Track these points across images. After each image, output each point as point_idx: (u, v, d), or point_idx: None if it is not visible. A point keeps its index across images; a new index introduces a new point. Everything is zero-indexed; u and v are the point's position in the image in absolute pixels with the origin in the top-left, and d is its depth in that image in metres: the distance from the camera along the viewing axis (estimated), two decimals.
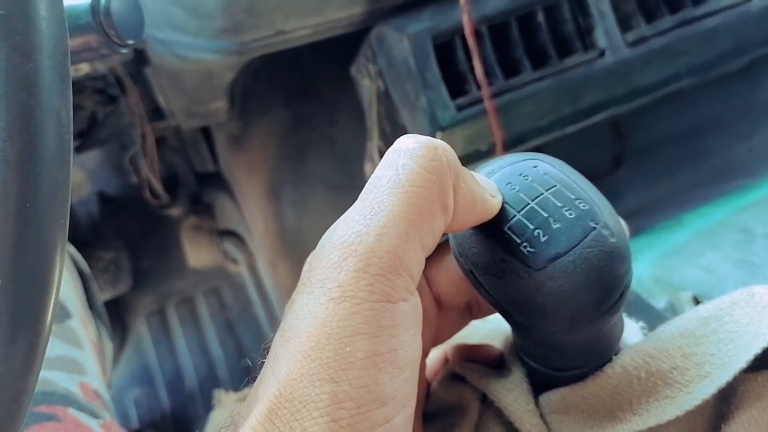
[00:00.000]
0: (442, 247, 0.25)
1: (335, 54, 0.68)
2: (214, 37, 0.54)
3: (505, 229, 0.22)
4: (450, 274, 0.25)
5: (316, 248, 0.20)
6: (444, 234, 0.21)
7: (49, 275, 0.18)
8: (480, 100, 0.53)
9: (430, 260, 0.24)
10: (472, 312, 0.27)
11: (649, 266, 0.53)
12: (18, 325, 0.18)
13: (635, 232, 0.62)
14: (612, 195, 0.83)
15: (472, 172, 0.22)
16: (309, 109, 0.79)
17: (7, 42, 0.18)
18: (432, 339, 0.26)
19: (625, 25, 0.57)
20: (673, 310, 0.46)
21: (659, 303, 0.47)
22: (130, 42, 0.31)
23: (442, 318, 0.26)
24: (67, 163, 0.19)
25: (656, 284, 0.52)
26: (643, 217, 0.70)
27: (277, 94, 0.79)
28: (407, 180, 0.19)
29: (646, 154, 0.83)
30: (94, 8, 0.30)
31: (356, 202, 0.20)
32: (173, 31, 0.55)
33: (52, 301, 0.18)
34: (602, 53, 0.56)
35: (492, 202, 0.22)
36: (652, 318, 0.38)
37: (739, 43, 0.62)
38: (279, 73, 0.78)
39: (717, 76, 0.67)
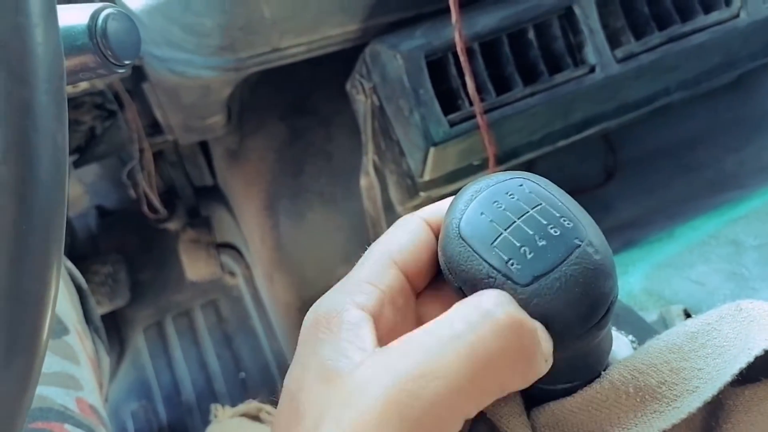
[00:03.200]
0: (436, 282, 0.25)
1: (331, 69, 0.69)
2: (211, 55, 0.55)
3: (493, 246, 0.23)
4: (437, 304, 0.25)
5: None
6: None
7: (45, 298, 0.19)
8: (472, 116, 0.54)
9: (425, 294, 0.24)
10: None
11: (640, 279, 0.53)
12: (13, 349, 0.18)
13: (627, 244, 0.63)
14: (604, 207, 0.84)
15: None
16: (305, 124, 0.80)
17: (4, 68, 0.18)
18: None
19: (614, 41, 0.58)
20: (664, 323, 0.46)
21: (651, 316, 0.47)
22: (127, 62, 0.32)
23: None
24: (62, 185, 0.19)
25: (648, 297, 0.52)
26: (634, 229, 0.71)
27: (273, 109, 0.80)
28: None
29: (638, 167, 0.84)
30: (90, 29, 0.30)
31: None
32: (171, 48, 0.56)
33: (48, 323, 0.19)
34: (592, 69, 0.57)
35: (542, 365, 0.22)
36: (643, 331, 0.39)
37: (728, 58, 0.64)
38: (275, 88, 0.79)
39: (707, 89, 0.68)
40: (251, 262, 0.89)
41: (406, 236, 0.24)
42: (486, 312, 0.20)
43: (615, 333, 0.37)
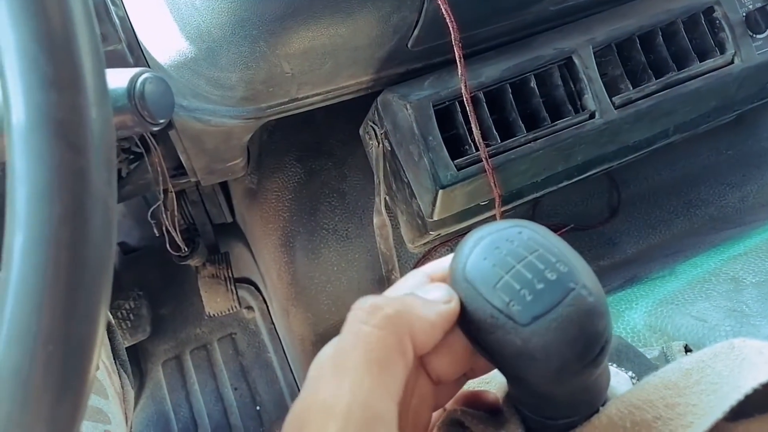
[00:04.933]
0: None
1: (345, 114, 0.73)
2: (234, 105, 0.59)
3: (495, 288, 0.25)
4: (446, 358, 0.26)
5: (294, 413, 0.23)
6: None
7: (92, 343, 0.21)
8: (479, 160, 0.57)
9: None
10: (467, 376, 0.29)
11: (643, 315, 0.55)
12: (64, 389, 0.20)
13: (630, 280, 0.65)
14: (608, 243, 0.86)
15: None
16: (320, 165, 0.84)
17: (64, 141, 0.21)
18: (432, 410, 0.28)
19: (612, 88, 0.61)
20: (666, 359, 0.48)
21: (653, 352, 0.49)
22: (162, 121, 0.36)
23: (440, 390, 0.28)
24: (111, 242, 0.22)
25: (651, 332, 0.54)
26: (638, 265, 0.72)
27: (290, 151, 0.84)
28: (363, 341, 0.23)
29: (642, 203, 0.86)
30: (129, 92, 0.34)
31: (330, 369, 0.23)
32: (196, 99, 0.60)
33: (93, 366, 0.21)
34: (592, 115, 0.60)
35: (448, 310, 0.25)
36: (644, 367, 0.40)
37: (724, 102, 0.66)
38: (292, 132, 0.83)
39: (705, 130, 0.71)
40: (268, 296, 0.92)
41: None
42: None
43: (615, 369, 0.39)
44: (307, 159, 0.84)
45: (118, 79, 0.34)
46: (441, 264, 0.27)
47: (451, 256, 0.27)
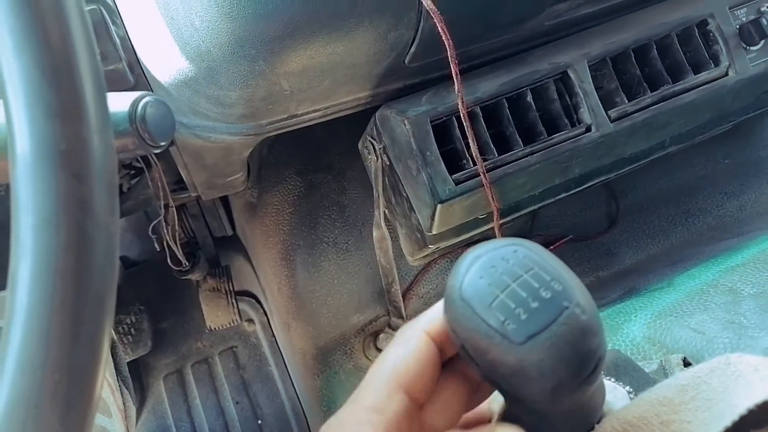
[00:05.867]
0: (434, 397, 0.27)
1: (344, 127, 0.73)
2: (234, 122, 0.60)
3: (491, 307, 0.25)
4: (440, 410, 0.27)
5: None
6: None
7: (97, 370, 0.21)
8: (476, 174, 0.58)
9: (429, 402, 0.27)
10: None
11: (642, 327, 0.55)
12: (72, 414, 0.20)
13: (629, 292, 0.65)
14: (607, 254, 0.86)
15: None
16: (320, 178, 0.84)
17: (68, 171, 0.21)
18: None
19: (608, 102, 0.62)
20: (664, 373, 0.48)
21: (652, 365, 0.49)
22: (162, 143, 0.36)
23: None
24: (113, 268, 0.22)
25: (650, 345, 0.54)
26: (637, 276, 0.73)
27: (290, 165, 0.84)
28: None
29: (640, 213, 0.87)
30: (131, 116, 0.35)
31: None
32: (197, 116, 0.61)
33: (98, 388, 0.21)
34: (588, 129, 0.61)
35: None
36: (642, 381, 0.41)
37: (719, 113, 0.67)
38: (292, 146, 0.83)
39: (702, 140, 0.71)
40: (269, 310, 0.92)
41: (410, 356, 0.26)
42: None
43: (612, 384, 0.40)
44: (307, 172, 0.85)
45: (119, 103, 0.34)
46: (437, 315, 0.27)
47: (441, 302, 0.27)
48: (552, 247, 0.84)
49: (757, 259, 0.59)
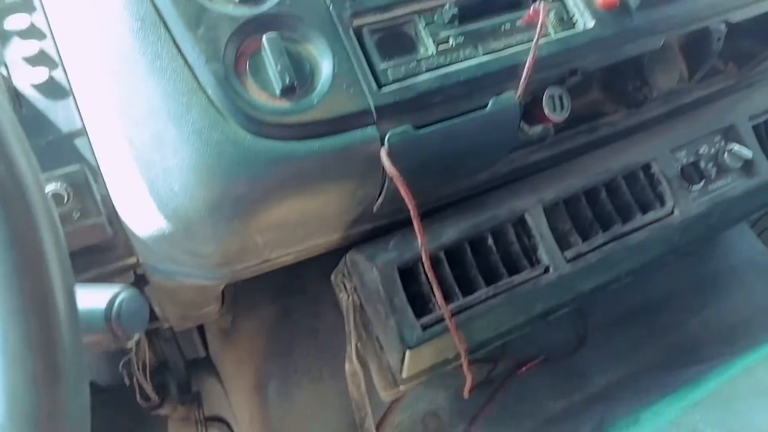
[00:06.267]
0: None
1: (319, 255, 0.76)
2: (210, 269, 0.62)
3: None
4: None
5: None
6: None
7: None
8: (443, 318, 0.60)
9: None
10: None
11: None
12: None
13: (599, 425, 0.66)
14: (579, 376, 0.87)
15: None
16: (294, 303, 0.86)
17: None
18: None
19: (563, 243, 0.66)
20: None
21: None
22: (135, 337, 0.38)
23: None
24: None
25: None
26: (606, 403, 0.74)
27: (264, 291, 0.86)
28: None
29: (608, 331, 0.89)
30: (107, 314, 0.36)
31: None
32: (174, 264, 0.63)
33: None
34: (546, 270, 0.64)
35: None
36: None
37: (669, 248, 0.71)
38: (267, 273, 0.85)
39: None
40: None
41: None
42: None
43: None
44: (281, 297, 0.86)
45: (96, 299, 0.36)
46: None
47: None
48: (524, 368, 0.86)
49: (717, 393, 0.61)
